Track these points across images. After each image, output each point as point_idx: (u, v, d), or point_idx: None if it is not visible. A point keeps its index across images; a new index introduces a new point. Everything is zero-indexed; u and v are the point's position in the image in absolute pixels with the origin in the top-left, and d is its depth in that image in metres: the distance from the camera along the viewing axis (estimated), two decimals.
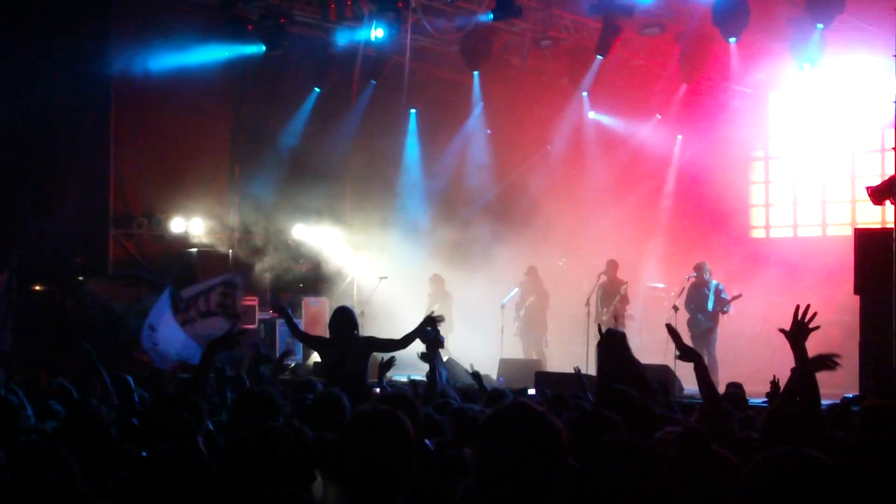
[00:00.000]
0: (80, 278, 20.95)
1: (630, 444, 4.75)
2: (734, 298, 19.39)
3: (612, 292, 20.69)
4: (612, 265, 20.97)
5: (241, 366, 15.42)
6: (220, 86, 23.62)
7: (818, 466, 4.13)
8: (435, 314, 11.43)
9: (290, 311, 12.35)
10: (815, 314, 7.03)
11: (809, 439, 5.62)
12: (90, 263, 21.22)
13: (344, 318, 11.62)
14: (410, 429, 4.21)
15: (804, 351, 7.04)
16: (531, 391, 12.66)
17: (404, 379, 15.46)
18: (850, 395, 9.55)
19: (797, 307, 7.14)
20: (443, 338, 12.17)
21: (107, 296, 20.48)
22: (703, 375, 7.15)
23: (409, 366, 12.61)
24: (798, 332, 7.05)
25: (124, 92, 21.77)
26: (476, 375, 11.79)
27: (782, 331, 7.12)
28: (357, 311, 16.31)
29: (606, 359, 8.96)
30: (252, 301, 22.17)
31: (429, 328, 11.26)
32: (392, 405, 4.60)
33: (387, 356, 10.95)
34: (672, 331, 7.54)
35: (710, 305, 19.39)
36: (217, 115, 23.78)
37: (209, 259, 22.22)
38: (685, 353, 7.24)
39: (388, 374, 11.26)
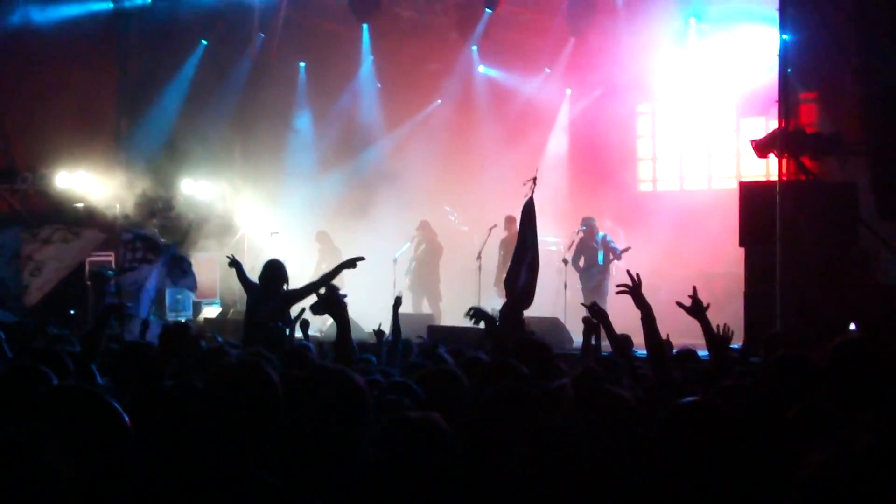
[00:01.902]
0: None
1: (524, 390, 4.83)
2: (624, 251, 19.63)
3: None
4: (511, 220, 21.13)
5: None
6: (106, 38, 23.23)
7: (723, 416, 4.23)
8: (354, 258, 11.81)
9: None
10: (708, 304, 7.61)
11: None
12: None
13: (271, 271, 11.75)
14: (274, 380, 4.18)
15: (708, 322, 7.55)
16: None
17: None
18: (737, 346, 9.71)
19: (694, 287, 7.68)
20: (344, 295, 12.20)
21: None
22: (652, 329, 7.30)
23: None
24: (698, 308, 7.52)
25: (6, 43, 21.26)
26: (379, 333, 11.83)
27: (681, 305, 7.57)
28: (248, 268, 16.23)
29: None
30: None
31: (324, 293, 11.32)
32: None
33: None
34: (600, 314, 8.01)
35: (600, 259, 19.61)
36: (102, 68, 23.37)
37: (96, 215, 21.88)
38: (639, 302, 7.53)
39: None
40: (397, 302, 11.33)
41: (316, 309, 10.99)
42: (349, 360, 6.38)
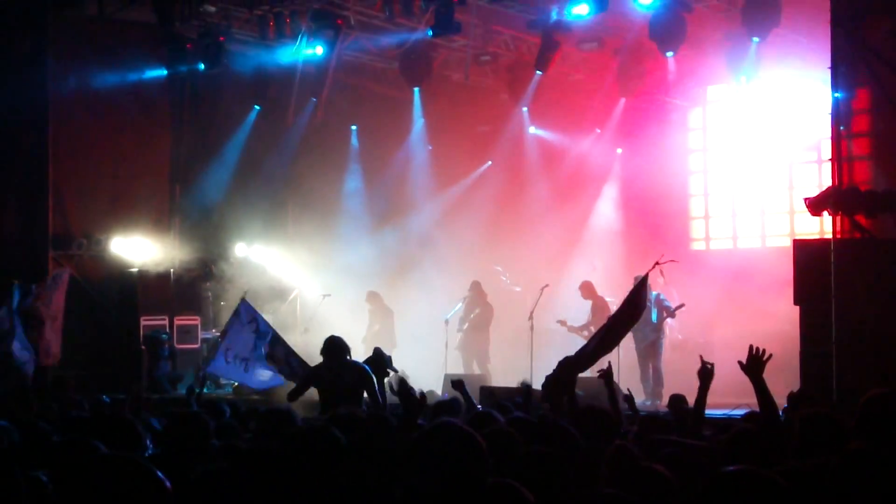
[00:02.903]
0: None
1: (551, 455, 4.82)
2: (678, 308, 19.53)
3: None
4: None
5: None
6: (159, 104, 23.54)
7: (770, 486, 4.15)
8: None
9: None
10: (770, 355, 7.46)
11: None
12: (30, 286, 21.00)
13: (334, 347, 12.04)
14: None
15: (763, 383, 7.45)
16: (479, 406, 12.64)
17: None
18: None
19: (751, 346, 7.49)
20: (389, 357, 12.38)
21: None
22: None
23: None
24: (754, 366, 7.41)
25: (62, 111, 21.60)
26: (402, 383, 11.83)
27: (740, 364, 7.48)
28: (301, 329, 16.33)
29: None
30: (194, 320, 22.07)
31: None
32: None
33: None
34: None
35: (653, 317, 19.50)
36: (157, 135, 23.67)
37: (150, 280, 22.08)
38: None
39: None
40: (457, 384, 11.34)
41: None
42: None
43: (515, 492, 3.90)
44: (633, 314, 13.51)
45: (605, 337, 12.98)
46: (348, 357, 12.20)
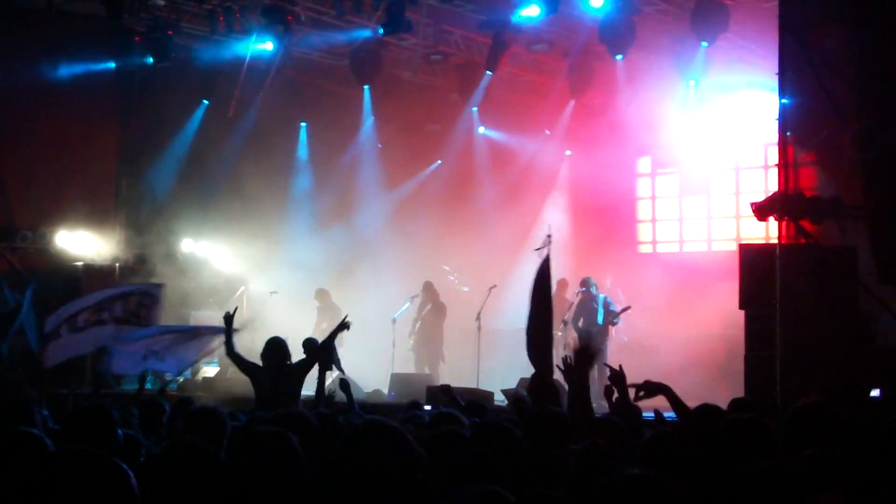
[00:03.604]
0: None
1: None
2: (623, 311, 19.64)
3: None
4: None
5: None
6: (107, 97, 23.35)
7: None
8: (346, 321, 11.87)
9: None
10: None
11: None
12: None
13: (275, 349, 11.74)
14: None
15: (673, 394, 7.67)
16: (427, 406, 12.64)
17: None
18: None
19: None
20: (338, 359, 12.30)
21: None
22: (678, 402, 7.38)
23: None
24: (652, 388, 7.70)
25: (7, 102, 21.37)
26: (344, 384, 11.74)
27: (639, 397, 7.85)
28: (246, 324, 16.26)
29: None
30: None
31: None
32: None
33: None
34: (618, 379, 8.05)
35: (599, 319, 19.58)
36: (104, 128, 23.47)
37: (95, 273, 21.88)
38: (651, 388, 7.52)
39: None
40: (344, 383, 11.28)
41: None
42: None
43: (497, 496, 3.90)
44: (545, 296, 13.26)
45: (541, 333, 12.82)
46: (289, 362, 12.01)
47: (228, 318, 12.40)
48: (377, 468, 4.38)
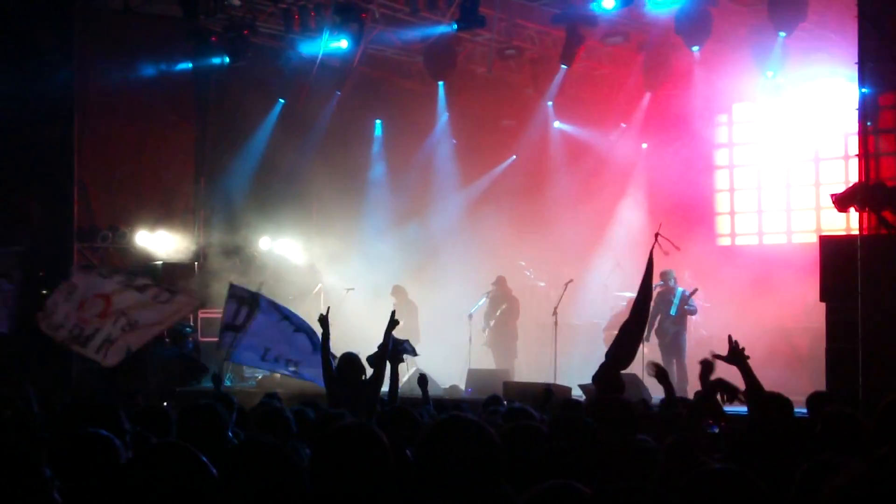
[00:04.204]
0: (44, 292, 20.76)
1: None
2: (692, 293, 19.46)
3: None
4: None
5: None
6: (184, 98, 23.60)
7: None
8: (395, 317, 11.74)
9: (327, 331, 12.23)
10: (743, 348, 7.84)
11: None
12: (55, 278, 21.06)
13: (351, 365, 11.74)
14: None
15: (750, 370, 7.69)
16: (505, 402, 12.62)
17: None
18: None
19: (729, 337, 7.99)
20: (410, 347, 12.21)
21: None
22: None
23: None
24: (735, 356, 7.74)
25: (88, 104, 21.67)
26: (422, 379, 11.72)
27: (720, 356, 7.95)
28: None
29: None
30: (218, 314, 22.07)
31: (402, 346, 11.49)
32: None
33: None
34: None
35: (673, 311, 19.42)
36: (182, 127, 23.73)
37: (174, 272, 22.10)
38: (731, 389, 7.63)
39: None
40: (422, 379, 11.25)
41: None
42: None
43: (573, 490, 3.87)
44: (646, 295, 13.31)
45: (631, 327, 12.80)
46: (364, 377, 11.91)
47: (324, 320, 12.35)
48: (460, 463, 4.36)
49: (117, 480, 4.38)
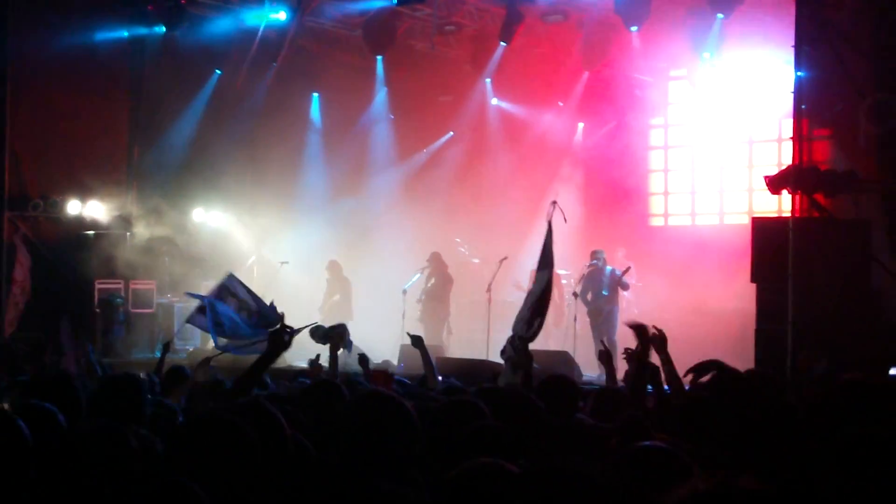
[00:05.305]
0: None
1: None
2: (625, 272, 19.57)
3: None
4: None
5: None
6: (119, 66, 23.28)
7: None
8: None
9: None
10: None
11: None
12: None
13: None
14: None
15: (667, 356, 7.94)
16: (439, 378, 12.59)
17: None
18: None
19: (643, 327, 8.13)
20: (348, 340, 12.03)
21: None
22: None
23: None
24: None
25: (20, 71, 21.28)
26: (362, 358, 11.64)
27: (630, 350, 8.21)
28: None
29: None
30: (150, 285, 21.95)
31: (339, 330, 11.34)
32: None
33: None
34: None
35: (605, 290, 19.52)
36: (116, 96, 23.42)
37: (106, 243, 21.88)
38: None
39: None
40: (417, 340, 11.12)
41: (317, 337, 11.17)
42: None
43: (500, 468, 3.86)
44: (546, 261, 13.10)
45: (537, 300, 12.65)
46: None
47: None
48: (376, 438, 4.39)
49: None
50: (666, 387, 7.80)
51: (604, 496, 3.43)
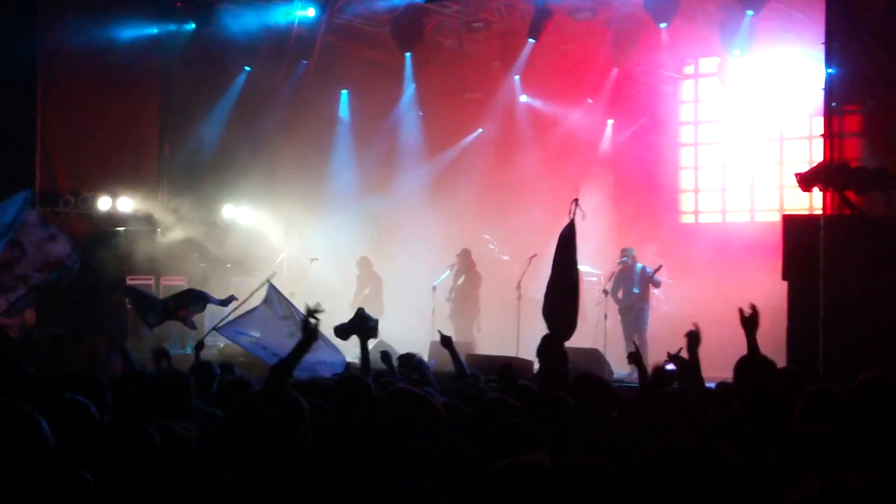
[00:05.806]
0: None
1: None
2: (657, 270, 19.55)
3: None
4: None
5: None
6: (149, 63, 23.38)
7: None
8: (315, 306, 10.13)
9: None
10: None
11: None
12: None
13: None
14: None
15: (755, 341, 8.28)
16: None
17: None
18: None
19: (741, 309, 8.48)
20: (375, 322, 11.97)
21: None
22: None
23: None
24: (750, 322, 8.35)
25: (52, 69, 21.44)
26: (385, 356, 11.62)
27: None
28: (287, 293, 16.23)
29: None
30: (181, 281, 22.02)
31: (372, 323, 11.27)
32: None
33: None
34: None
35: (636, 289, 19.50)
36: (146, 93, 23.54)
37: (137, 239, 21.97)
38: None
39: None
40: (446, 340, 11.11)
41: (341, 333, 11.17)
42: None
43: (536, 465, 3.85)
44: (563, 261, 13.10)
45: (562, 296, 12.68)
46: None
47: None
48: (402, 435, 4.42)
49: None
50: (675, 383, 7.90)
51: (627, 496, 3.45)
